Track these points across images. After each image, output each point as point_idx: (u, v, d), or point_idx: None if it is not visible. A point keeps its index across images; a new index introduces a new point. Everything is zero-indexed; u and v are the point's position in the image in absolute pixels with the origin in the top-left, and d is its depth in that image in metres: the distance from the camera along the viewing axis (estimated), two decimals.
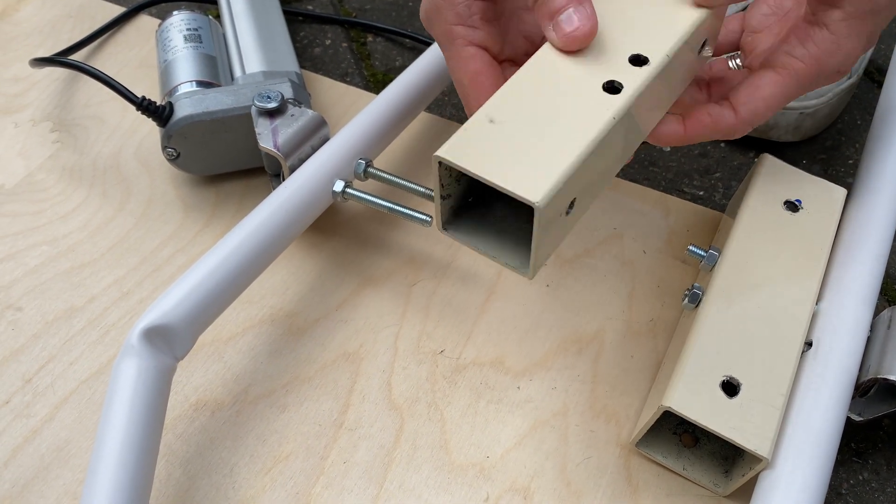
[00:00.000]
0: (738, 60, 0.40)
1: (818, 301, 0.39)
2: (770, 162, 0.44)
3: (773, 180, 0.43)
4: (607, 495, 0.38)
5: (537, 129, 0.30)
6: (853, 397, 0.38)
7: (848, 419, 0.38)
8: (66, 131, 0.53)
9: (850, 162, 0.54)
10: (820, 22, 0.34)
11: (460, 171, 0.29)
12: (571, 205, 0.31)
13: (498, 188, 0.28)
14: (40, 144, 0.53)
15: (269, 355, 0.43)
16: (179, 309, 0.36)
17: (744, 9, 0.43)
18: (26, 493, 0.37)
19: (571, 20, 0.32)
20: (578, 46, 0.32)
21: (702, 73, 0.41)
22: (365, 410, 0.41)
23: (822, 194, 0.42)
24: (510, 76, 0.32)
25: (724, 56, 0.41)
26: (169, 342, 0.36)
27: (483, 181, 0.29)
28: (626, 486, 0.38)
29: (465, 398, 0.41)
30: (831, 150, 0.54)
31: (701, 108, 0.37)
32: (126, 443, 0.33)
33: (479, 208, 0.34)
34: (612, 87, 0.32)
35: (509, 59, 0.38)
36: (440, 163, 0.30)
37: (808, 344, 0.38)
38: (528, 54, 0.33)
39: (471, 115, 0.33)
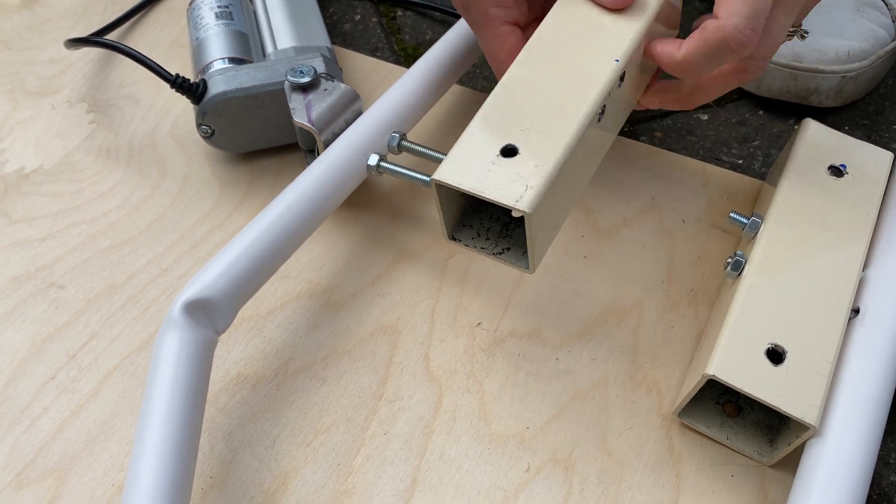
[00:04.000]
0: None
1: (865, 267, 0.38)
2: (813, 126, 0.43)
3: (817, 145, 0.42)
4: (649, 465, 0.38)
5: (524, 134, 0.34)
6: None
7: None
8: (101, 112, 0.54)
9: (895, 127, 0.52)
10: None
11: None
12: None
13: (488, 200, 0.33)
14: (77, 125, 0.53)
15: (307, 329, 0.43)
16: (219, 283, 0.36)
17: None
18: (74, 466, 0.38)
19: None
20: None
21: None
22: (404, 382, 0.41)
23: (867, 158, 0.41)
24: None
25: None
26: (210, 315, 0.36)
27: (476, 196, 0.33)
28: (669, 455, 0.38)
29: (503, 370, 0.41)
30: (874, 114, 0.53)
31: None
32: (170, 415, 0.33)
33: (478, 215, 0.38)
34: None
35: (531, 25, 0.42)
36: (437, 185, 0.34)
37: (856, 311, 0.37)
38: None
39: None
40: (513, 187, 0.33)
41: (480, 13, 0.40)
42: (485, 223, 0.38)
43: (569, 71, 0.36)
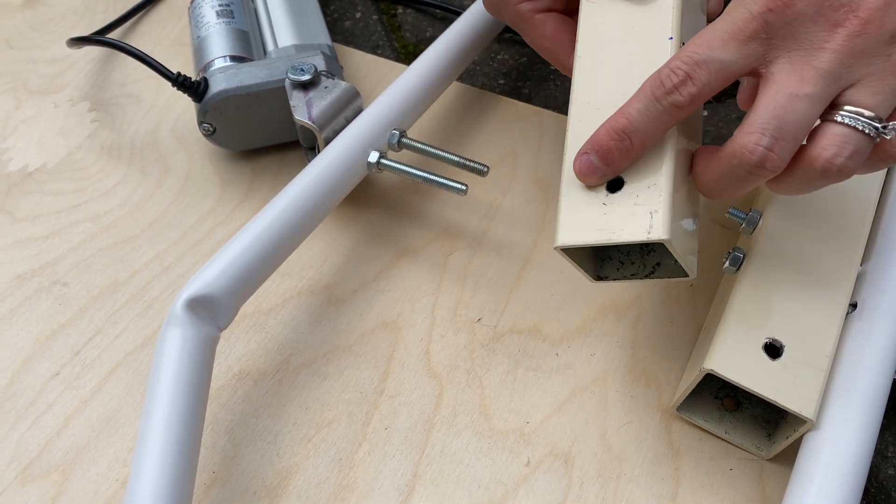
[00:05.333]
0: None
1: (863, 262, 0.39)
2: None
3: None
4: (648, 459, 0.38)
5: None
6: None
7: (894, 381, 0.38)
8: (103, 110, 0.54)
9: None
10: None
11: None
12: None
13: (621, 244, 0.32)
14: (79, 124, 0.53)
15: (309, 325, 0.43)
16: (221, 279, 0.36)
17: None
18: (79, 461, 0.39)
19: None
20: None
21: None
22: (405, 378, 0.41)
23: None
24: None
25: None
26: (212, 312, 0.36)
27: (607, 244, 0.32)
28: (668, 449, 0.38)
29: (503, 365, 0.41)
30: None
31: None
32: (173, 410, 0.33)
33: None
34: None
35: (567, 7, 0.41)
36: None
37: (853, 305, 0.37)
38: None
39: (565, 70, 0.40)
40: (637, 220, 0.31)
41: (512, 12, 0.41)
42: (622, 249, 0.37)
43: (629, 65, 0.35)
